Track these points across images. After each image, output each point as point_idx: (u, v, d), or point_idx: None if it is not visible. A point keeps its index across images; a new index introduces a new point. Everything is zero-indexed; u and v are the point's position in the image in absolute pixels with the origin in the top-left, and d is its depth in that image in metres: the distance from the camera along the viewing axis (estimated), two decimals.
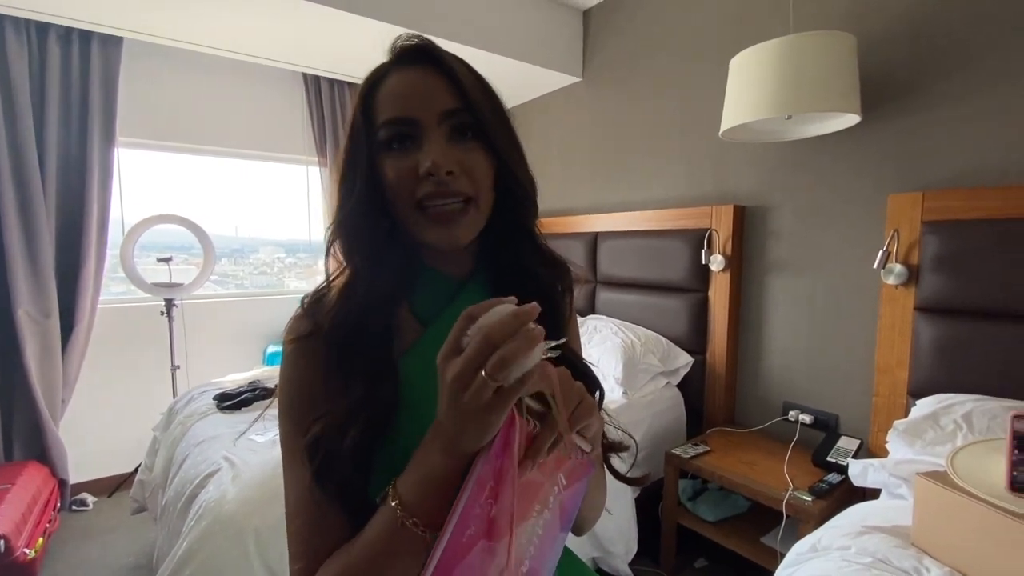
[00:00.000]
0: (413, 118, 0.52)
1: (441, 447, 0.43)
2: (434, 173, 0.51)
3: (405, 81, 0.54)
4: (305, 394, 0.53)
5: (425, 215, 0.53)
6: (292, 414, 0.53)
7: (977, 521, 0.92)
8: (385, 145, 0.53)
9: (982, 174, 1.54)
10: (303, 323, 0.56)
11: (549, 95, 3.10)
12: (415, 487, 0.44)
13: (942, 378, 1.55)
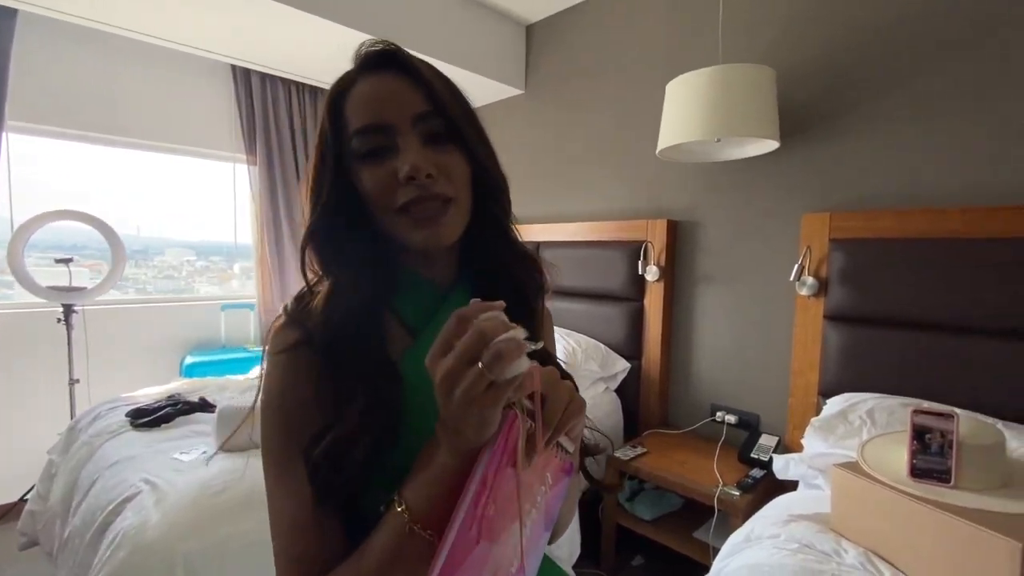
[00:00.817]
0: (386, 123, 0.52)
1: (446, 447, 0.43)
2: (415, 176, 0.51)
3: (374, 87, 0.54)
4: (299, 406, 0.51)
5: (408, 218, 0.53)
6: (285, 428, 0.51)
7: (885, 505, 1.04)
8: (359, 153, 0.53)
9: (881, 199, 1.75)
10: (291, 332, 0.53)
11: (492, 105, 3.13)
12: (422, 491, 0.45)
13: (847, 379, 1.73)
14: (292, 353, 0.52)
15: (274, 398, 0.52)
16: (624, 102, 2.47)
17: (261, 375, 0.56)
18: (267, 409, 0.52)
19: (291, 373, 0.52)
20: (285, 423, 0.51)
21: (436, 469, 0.44)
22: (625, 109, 2.47)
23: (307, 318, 0.54)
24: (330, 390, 0.51)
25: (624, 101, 2.47)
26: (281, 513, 0.50)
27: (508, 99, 3.03)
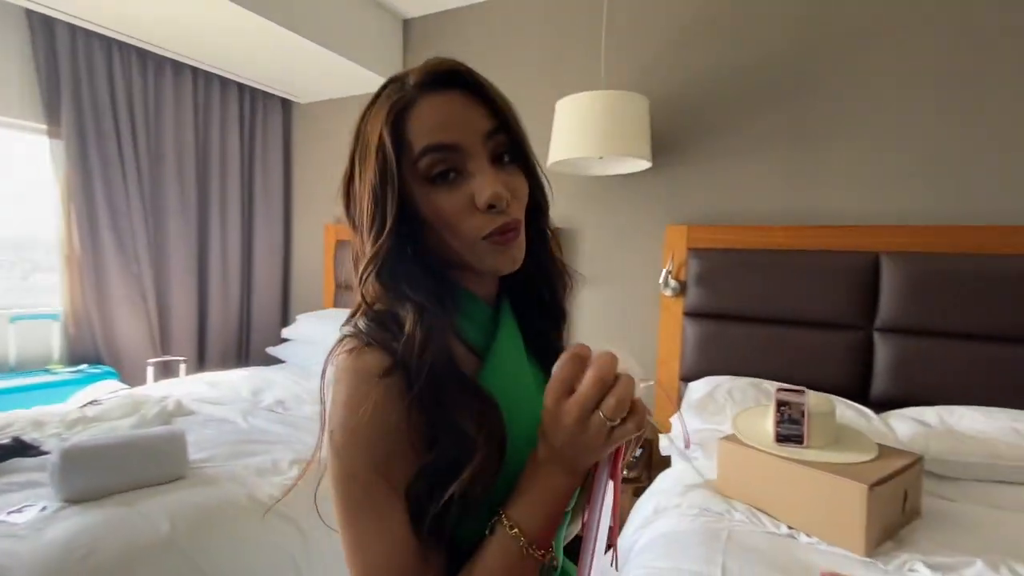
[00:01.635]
0: (457, 144, 0.51)
1: (563, 469, 0.45)
2: (496, 204, 0.51)
3: (442, 106, 0.52)
4: (394, 439, 0.47)
5: (490, 245, 0.52)
6: (378, 463, 0.47)
7: (761, 467, 1.29)
8: (428, 175, 0.52)
9: (726, 215, 2.12)
10: (379, 356, 0.49)
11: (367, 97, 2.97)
12: (536, 512, 0.45)
13: (703, 366, 2.07)
14: (385, 380, 0.48)
15: (363, 429, 0.47)
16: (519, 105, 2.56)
17: (323, 404, 0.50)
18: (353, 442, 0.47)
19: (386, 402, 0.48)
20: (378, 457, 0.47)
21: (551, 490, 0.46)
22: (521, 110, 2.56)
23: (389, 342, 0.50)
24: (422, 421, 0.48)
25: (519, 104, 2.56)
26: (376, 557, 0.46)
27: None
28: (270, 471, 1.46)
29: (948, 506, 1.33)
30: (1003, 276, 1.63)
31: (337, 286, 3.08)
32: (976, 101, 1.73)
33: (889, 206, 1.86)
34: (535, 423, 0.52)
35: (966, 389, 1.64)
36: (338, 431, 0.48)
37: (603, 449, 0.44)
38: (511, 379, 0.55)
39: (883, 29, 1.85)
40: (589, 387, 0.43)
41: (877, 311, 1.83)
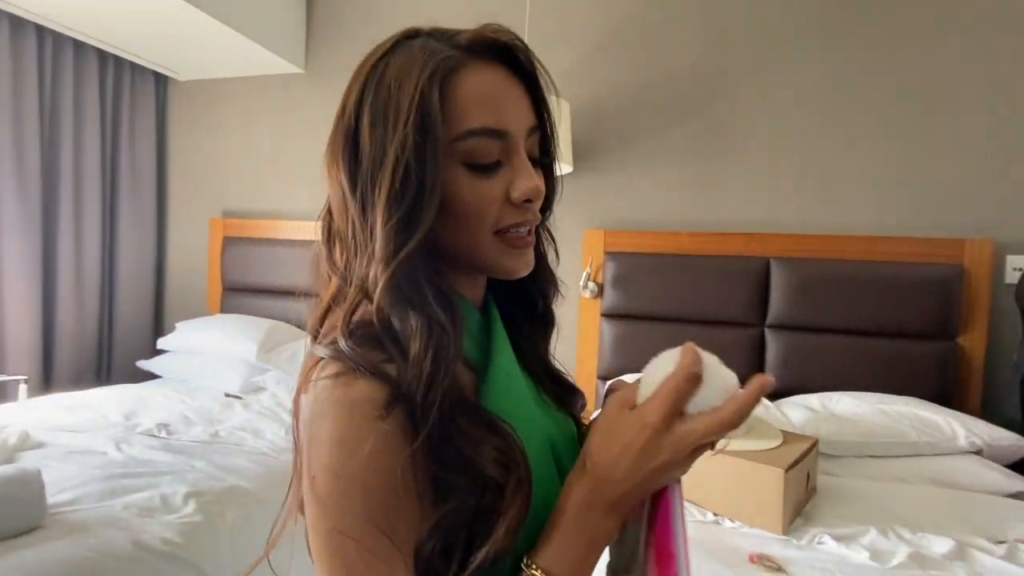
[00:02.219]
0: (507, 131, 0.44)
1: (610, 510, 0.40)
2: (532, 200, 0.45)
3: (496, 83, 0.45)
4: (396, 487, 0.38)
5: (502, 242, 0.46)
6: (376, 516, 0.38)
7: None
8: (469, 159, 0.44)
9: (639, 221, 2.23)
10: (375, 387, 0.39)
11: (265, 78, 2.69)
12: (571, 558, 0.40)
13: (619, 364, 2.16)
14: (385, 416, 0.39)
15: (359, 476, 0.38)
16: None
17: (298, 441, 0.42)
18: (346, 491, 0.38)
19: (386, 443, 0.39)
20: (377, 510, 0.38)
21: (592, 531, 0.40)
22: None
23: (382, 366, 0.41)
24: (428, 465, 0.39)
25: None
26: None
27: (285, 76, 2.66)
28: (160, 509, 1.23)
29: (836, 481, 1.52)
30: (868, 279, 1.91)
31: (227, 289, 2.74)
32: (848, 124, 2.00)
33: (778, 216, 2.08)
34: (541, 448, 0.47)
35: (841, 377, 1.89)
36: (324, 476, 0.39)
37: (681, 470, 0.40)
38: (512, 397, 0.48)
39: (773, 56, 2.07)
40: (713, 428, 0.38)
41: (768, 310, 2.04)
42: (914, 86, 1.93)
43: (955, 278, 1.84)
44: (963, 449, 1.54)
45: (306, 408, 0.42)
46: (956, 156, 1.89)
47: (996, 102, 1.85)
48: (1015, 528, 1.22)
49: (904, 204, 1.95)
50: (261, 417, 1.89)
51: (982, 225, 1.86)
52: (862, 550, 1.16)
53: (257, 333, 2.32)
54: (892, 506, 1.34)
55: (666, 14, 2.16)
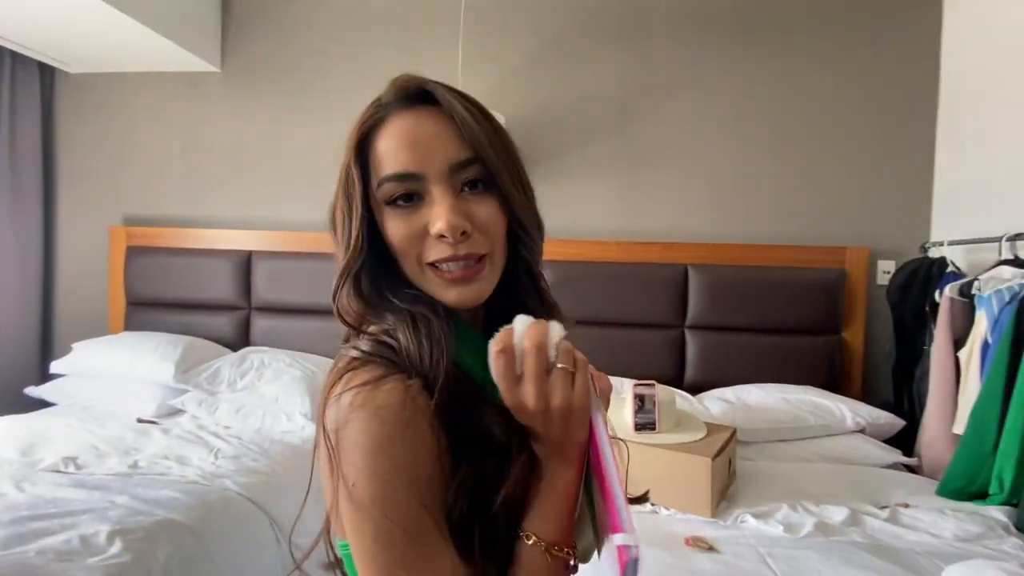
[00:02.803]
0: (418, 173, 0.48)
1: (560, 464, 0.46)
2: (446, 235, 0.48)
3: (407, 129, 0.50)
4: (433, 470, 0.44)
5: (438, 276, 0.50)
6: (426, 501, 0.42)
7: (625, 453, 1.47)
8: (386, 200, 0.50)
9: (568, 231, 2.33)
10: (397, 385, 0.44)
11: (175, 75, 2.49)
12: (551, 521, 0.45)
13: None
14: (413, 406, 0.43)
15: (402, 469, 0.42)
16: (351, 108, 2.41)
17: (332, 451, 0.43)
18: (391, 489, 0.42)
19: (420, 429, 0.43)
20: (425, 495, 0.43)
21: (559, 492, 0.46)
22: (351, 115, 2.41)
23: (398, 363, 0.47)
24: (445, 438, 0.45)
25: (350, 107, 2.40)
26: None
27: (200, 74, 2.49)
28: (81, 552, 1.12)
29: (751, 465, 1.70)
30: (769, 282, 2.15)
31: (132, 304, 2.50)
32: (750, 145, 2.24)
33: (694, 226, 2.28)
34: None
35: (749, 370, 2.11)
36: (365, 482, 0.42)
37: (578, 410, 0.44)
38: None
39: (685, 80, 2.26)
40: (529, 359, 0.43)
41: (687, 312, 2.23)
42: (804, 115, 2.20)
43: (839, 280, 2.13)
44: (850, 429, 1.79)
45: (331, 419, 0.44)
46: (839, 176, 2.19)
47: (872, 131, 2.16)
48: (895, 494, 1.46)
49: (797, 217, 2.22)
50: (184, 443, 1.76)
51: (859, 235, 2.17)
52: (777, 525, 1.32)
53: (173, 351, 2.14)
54: (798, 483, 1.53)
55: (589, 39, 2.30)
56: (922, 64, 2.13)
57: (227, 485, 1.49)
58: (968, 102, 2.00)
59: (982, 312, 1.53)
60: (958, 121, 2.05)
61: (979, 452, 1.43)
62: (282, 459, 1.73)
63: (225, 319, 2.46)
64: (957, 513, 1.34)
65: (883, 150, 2.16)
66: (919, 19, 2.13)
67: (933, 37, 2.13)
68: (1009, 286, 1.45)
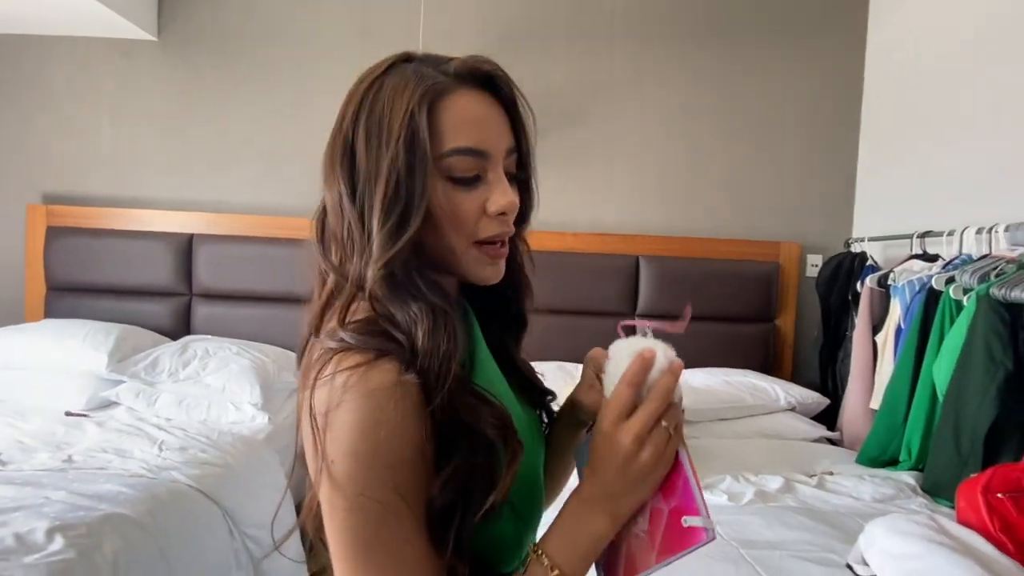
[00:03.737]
0: (487, 152, 0.50)
1: (608, 515, 0.46)
2: (507, 213, 0.50)
3: (479, 107, 0.50)
4: (415, 456, 0.43)
5: (480, 253, 0.51)
6: (400, 487, 0.42)
7: None
8: (452, 174, 0.49)
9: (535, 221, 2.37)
10: (391, 370, 0.43)
11: (105, 41, 2.30)
12: (577, 554, 0.45)
13: None
14: (404, 393, 0.43)
15: (383, 452, 0.42)
16: (301, 81, 2.33)
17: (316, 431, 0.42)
18: (367, 468, 0.42)
19: (406, 416, 0.42)
20: (400, 481, 0.42)
21: (592, 534, 0.46)
22: (302, 88, 2.32)
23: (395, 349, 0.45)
24: (433, 431, 0.44)
25: (301, 80, 2.33)
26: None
27: (133, 42, 2.30)
28: (17, 550, 1.03)
29: (696, 442, 1.82)
30: (712, 273, 2.29)
31: (53, 289, 2.30)
32: (695, 143, 2.37)
33: (646, 219, 2.38)
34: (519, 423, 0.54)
35: (695, 355, 2.23)
36: (344, 459, 0.42)
37: (662, 471, 0.45)
38: (494, 388, 0.53)
39: (635, 76, 2.35)
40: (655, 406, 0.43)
41: (638, 301, 2.33)
42: (743, 118, 2.36)
43: (773, 273, 2.31)
44: (783, 408, 1.96)
45: (322, 400, 0.43)
46: (774, 177, 2.36)
47: (803, 136, 2.34)
48: (821, 463, 1.61)
49: (737, 213, 2.37)
50: (123, 435, 1.65)
51: (792, 231, 2.35)
52: (722, 494, 1.43)
53: (104, 340, 1.99)
54: (738, 457, 1.66)
55: (543, 34, 2.34)
56: (847, 78, 2.33)
57: (175, 477, 1.42)
58: (888, 113, 2.21)
59: (896, 300, 1.72)
60: (878, 130, 2.26)
61: (892, 425, 1.61)
62: (233, 450, 1.66)
63: (161, 306, 2.32)
64: (874, 478, 1.51)
65: (812, 154, 2.36)
66: (845, 38, 2.33)
67: (857, 55, 2.33)
68: (919, 277, 1.63)
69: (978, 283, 1.37)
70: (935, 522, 1.05)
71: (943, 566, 0.92)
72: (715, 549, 1.16)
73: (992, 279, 1.36)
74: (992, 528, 1.01)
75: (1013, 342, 1.29)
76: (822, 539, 1.21)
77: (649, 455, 0.44)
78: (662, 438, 0.44)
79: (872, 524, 1.09)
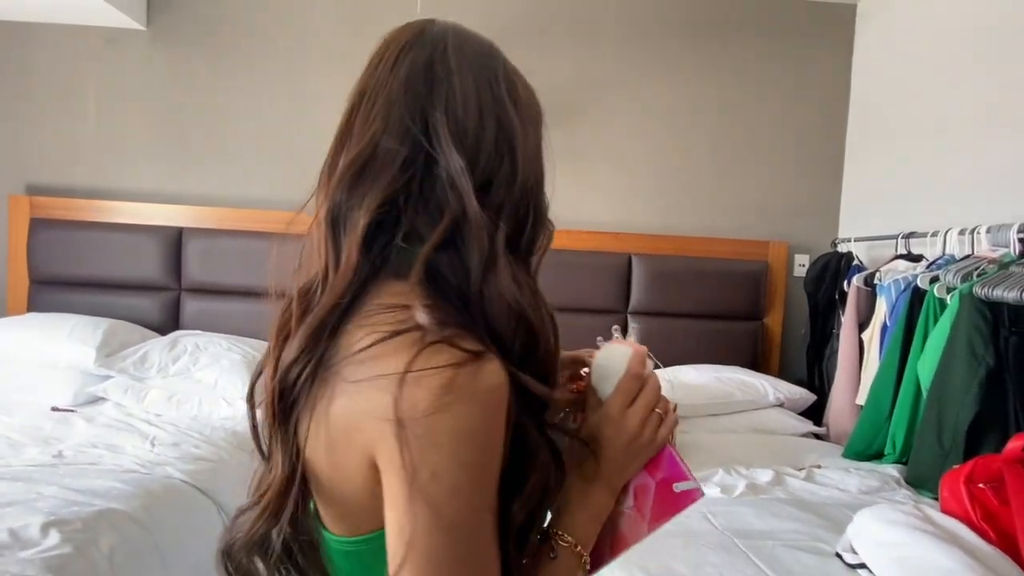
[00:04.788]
0: None
1: (608, 488, 0.50)
2: None
3: None
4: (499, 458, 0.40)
5: None
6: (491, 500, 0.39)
7: None
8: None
9: None
10: (499, 367, 0.39)
11: (94, 29, 2.25)
12: (592, 531, 0.49)
13: None
14: (506, 392, 0.39)
15: (492, 461, 0.39)
16: (296, 74, 2.31)
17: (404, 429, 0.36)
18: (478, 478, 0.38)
19: (501, 419, 0.39)
20: (492, 493, 0.39)
21: (599, 507, 0.49)
22: (296, 81, 2.30)
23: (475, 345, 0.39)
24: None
25: (295, 72, 2.31)
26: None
27: (121, 30, 2.26)
28: (11, 546, 1.02)
29: (688, 437, 1.85)
30: (702, 272, 2.33)
31: (36, 283, 2.25)
32: (686, 143, 2.40)
33: (638, 217, 2.41)
34: None
35: (685, 352, 2.27)
36: (452, 470, 0.37)
37: (650, 452, 0.50)
38: None
39: (630, 74, 2.37)
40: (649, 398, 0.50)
41: (630, 299, 2.36)
42: (734, 121, 2.39)
43: (762, 271, 2.35)
44: (771, 403, 2.00)
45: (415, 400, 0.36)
46: (763, 178, 2.40)
47: (792, 140, 2.39)
48: (809, 457, 1.65)
49: (727, 213, 2.41)
50: (113, 431, 1.63)
51: (780, 230, 2.40)
52: (715, 487, 1.46)
53: (92, 335, 1.96)
54: (729, 452, 1.70)
55: (540, 32, 2.34)
56: (835, 84, 2.38)
57: (170, 472, 1.41)
58: (873, 118, 2.27)
59: (882, 299, 1.77)
60: (864, 134, 2.32)
61: (877, 419, 1.66)
62: (227, 445, 1.65)
63: (150, 301, 2.28)
64: (859, 471, 1.55)
65: (800, 156, 2.40)
66: (834, 42, 2.38)
67: (845, 59, 2.38)
68: (904, 276, 1.68)
69: (961, 282, 1.42)
70: (920, 511, 1.09)
71: (929, 553, 0.96)
72: (710, 539, 1.20)
73: (975, 278, 1.40)
74: (974, 517, 1.06)
75: (994, 339, 1.34)
76: (811, 529, 1.24)
77: (649, 434, 0.50)
78: (657, 422, 0.51)
79: (860, 514, 1.13)
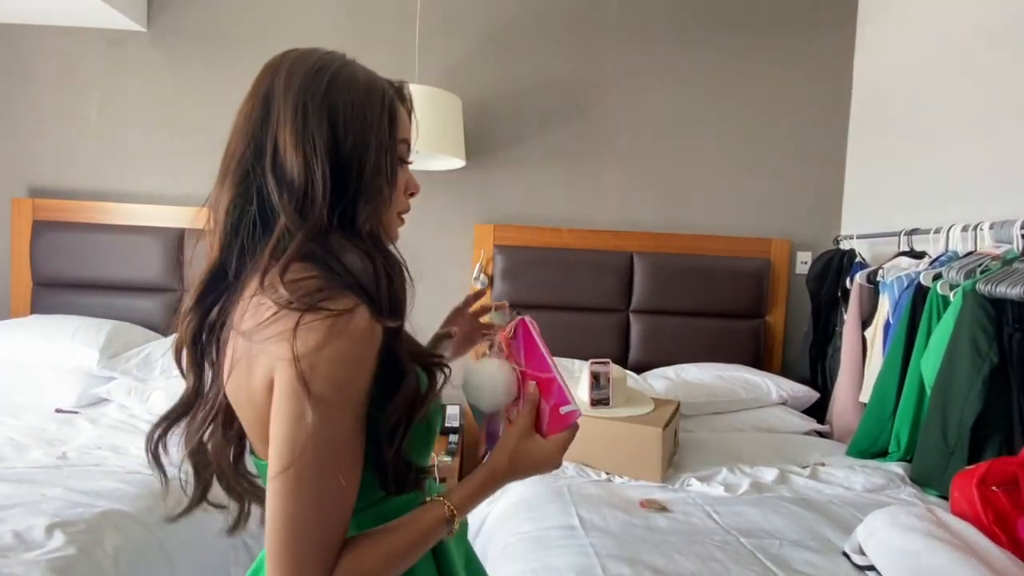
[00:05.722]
0: (411, 145, 0.65)
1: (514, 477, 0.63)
2: (415, 193, 0.66)
3: (407, 113, 0.64)
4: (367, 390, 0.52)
5: (399, 221, 0.66)
6: (358, 417, 0.51)
7: (582, 429, 1.55)
8: (402, 156, 0.63)
9: (525, 217, 2.38)
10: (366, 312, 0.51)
11: (96, 31, 2.26)
12: (471, 502, 0.60)
13: None
14: (375, 334, 0.51)
15: (361, 386, 0.51)
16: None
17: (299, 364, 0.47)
18: (351, 397, 0.50)
19: (372, 355, 0.51)
20: (359, 413, 0.51)
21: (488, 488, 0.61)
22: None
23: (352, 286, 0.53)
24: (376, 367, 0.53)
25: None
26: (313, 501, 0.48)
27: (122, 32, 2.26)
28: (16, 547, 1.02)
29: (691, 435, 1.85)
30: (705, 270, 2.32)
31: (39, 285, 2.25)
32: (690, 141, 2.39)
33: (640, 215, 2.40)
34: None
35: (688, 350, 2.27)
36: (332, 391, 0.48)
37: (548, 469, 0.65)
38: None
39: (633, 74, 2.37)
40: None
41: (632, 297, 2.36)
42: (737, 118, 2.38)
43: (764, 269, 2.34)
44: (775, 402, 2.00)
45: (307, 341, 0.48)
46: (765, 175, 2.39)
47: (794, 138, 2.38)
48: (812, 455, 1.65)
49: (728, 210, 2.40)
50: (117, 432, 1.63)
51: (782, 228, 2.39)
52: (718, 486, 1.46)
53: (96, 336, 1.96)
54: (733, 450, 1.70)
55: (542, 30, 2.33)
56: (837, 82, 2.37)
57: (174, 473, 1.41)
58: (874, 116, 2.26)
59: (885, 296, 1.76)
60: (866, 132, 2.31)
61: (881, 417, 1.66)
62: None
63: (152, 302, 2.28)
64: (864, 469, 1.55)
65: (802, 153, 2.40)
66: (835, 38, 2.37)
67: (847, 55, 2.37)
68: (907, 273, 1.68)
69: (964, 279, 1.42)
70: (933, 515, 1.08)
71: (946, 565, 0.93)
72: (716, 537, 1.19)
73: (978, 275, 1.40)
74: (986, 520, 1.05)
75: (998, 336, 1.34)
76: (817, 527, 1.24)
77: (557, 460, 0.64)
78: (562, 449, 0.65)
79: (872, 516, 1.12)
